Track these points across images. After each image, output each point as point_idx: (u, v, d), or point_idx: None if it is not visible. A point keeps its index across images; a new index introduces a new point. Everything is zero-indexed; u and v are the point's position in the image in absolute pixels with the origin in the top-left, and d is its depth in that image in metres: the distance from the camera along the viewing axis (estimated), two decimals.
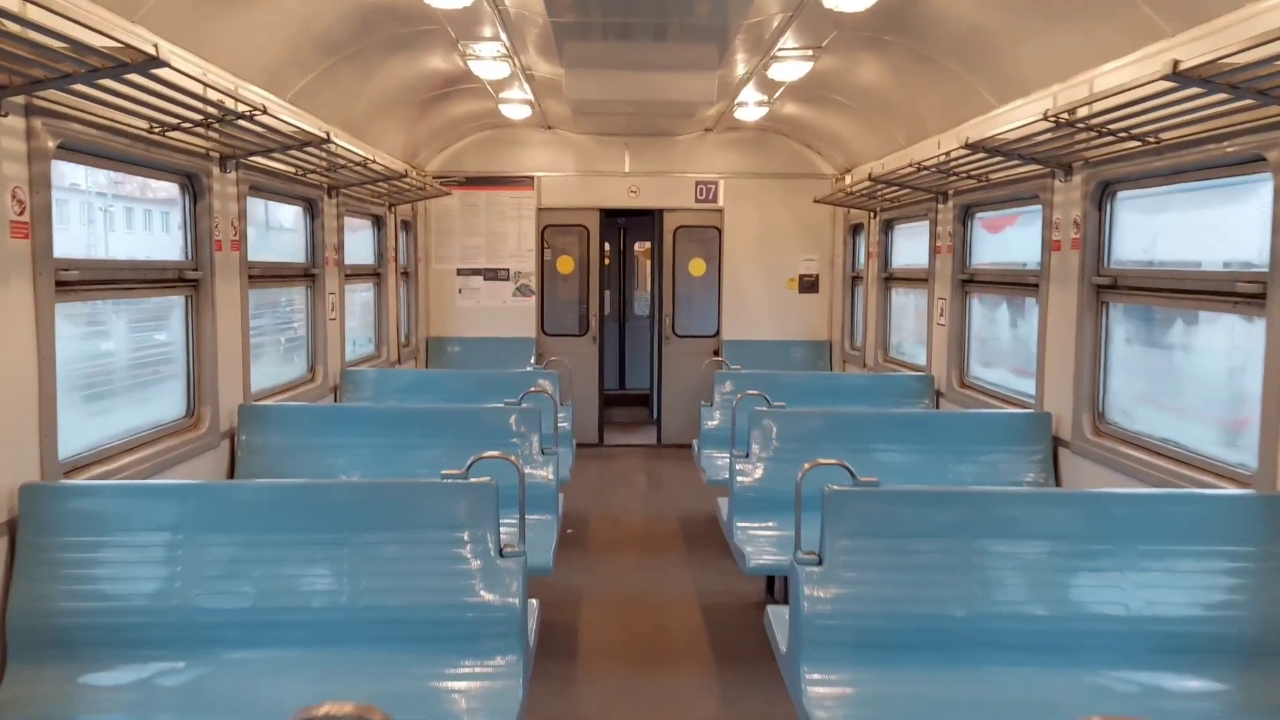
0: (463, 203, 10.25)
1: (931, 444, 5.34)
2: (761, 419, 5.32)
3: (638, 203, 10.33)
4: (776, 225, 10.32)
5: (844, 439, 5.32)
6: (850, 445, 5.24)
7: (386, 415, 5.46)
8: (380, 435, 5.30)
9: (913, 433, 5.40)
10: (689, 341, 10.56)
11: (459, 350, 10.30)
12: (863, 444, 5.33)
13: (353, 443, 5.29)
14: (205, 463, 4.95)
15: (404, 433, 5.30)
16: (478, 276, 10.31)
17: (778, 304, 10.37)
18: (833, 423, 5.39)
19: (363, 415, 5.47)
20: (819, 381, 7.50)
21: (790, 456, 5.22)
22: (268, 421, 5.31)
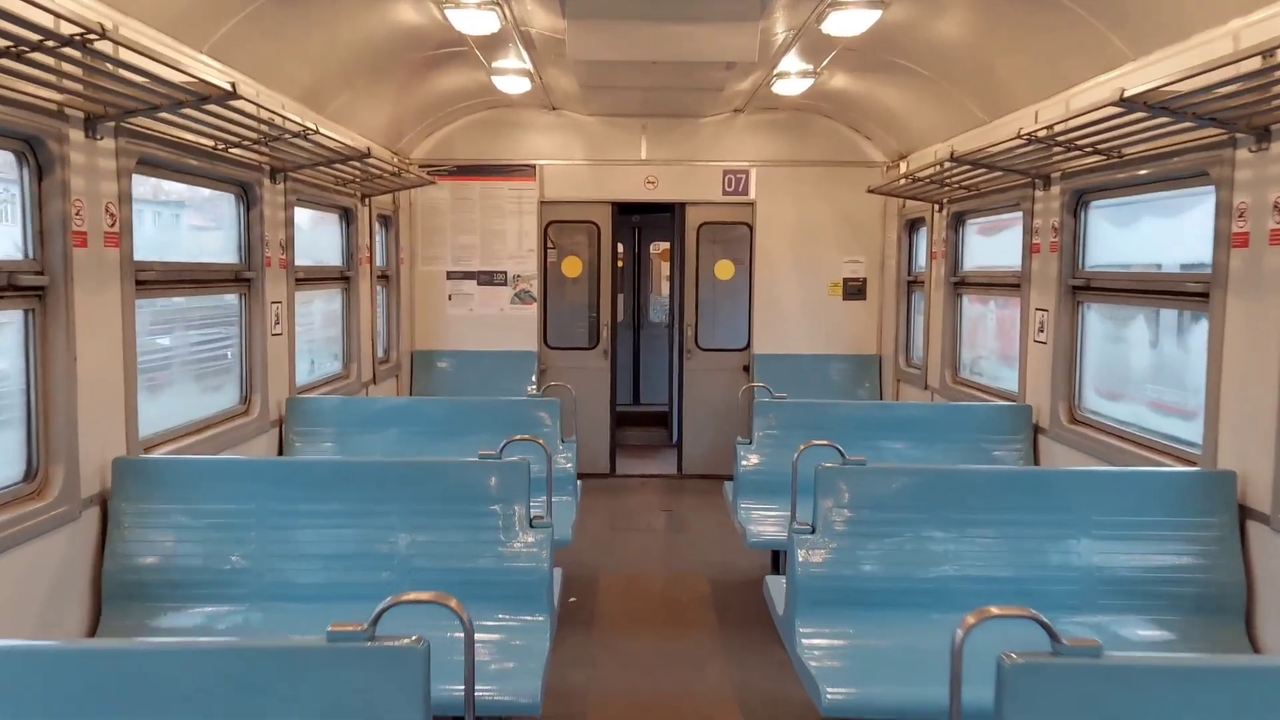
0: (453, 195, 8.85)
1: (1065, 511, 3.91)
2: (835, 480, 3.89)
3: (656, 195, 8.90)
4: (817, 221, 8.87)
5: (945, 506, 3.89)
6: (961, 514, 3.87)
7: (319, 472, 4.06)
8: (308, 500, 3.89)
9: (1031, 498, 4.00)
10: (715, 356, 9.11)
11: (448, 367, 8.90)
12: (970, 511, 3.90)
13: (271, 509, 3.88)
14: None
15: (341, 498, 3.89)
16: (471, 280, 8.91)
17: (818, 312, 8.92)
18: (932, 487, 3.95)
19: (288, 473, 4.06)
20: (882, 415, 6.04)
21: (875, 528, 3.83)
22: (149, 479, 3.91)
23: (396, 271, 8.36)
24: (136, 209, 4.10)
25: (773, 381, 8.58)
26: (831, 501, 3.87)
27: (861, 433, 5.68)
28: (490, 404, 6.02)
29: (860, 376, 8.88)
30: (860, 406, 6.78)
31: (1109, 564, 3.80)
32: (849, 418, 5.83)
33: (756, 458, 5.67)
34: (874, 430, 5.75)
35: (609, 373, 9.11)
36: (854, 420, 5.81)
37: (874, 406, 6.63)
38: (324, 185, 6.37)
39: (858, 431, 5.69)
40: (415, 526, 3.85)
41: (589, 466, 8.97)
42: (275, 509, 3.87)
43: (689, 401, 9.13)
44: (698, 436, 9.13)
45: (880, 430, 5.74)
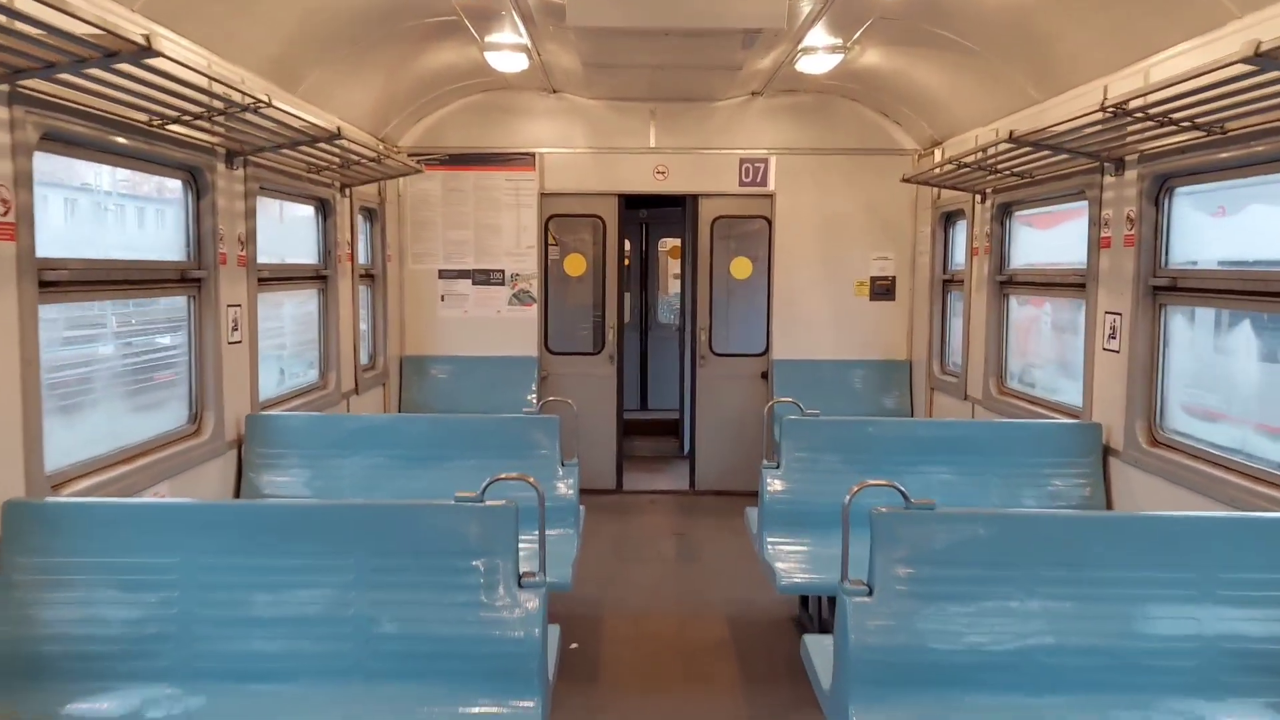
0: (445, 187, 8.12)
1: (1183, 568, 3.17)
2: (896, 529, 3.16)
3: (666, 187, 8.16)
4: (842, 215, 8.13)
5: (1034, 561, 3.15)
6: (1054, 570, 3.14)
7: (259, 518, 3.32)
8: (247, 552, 3.17)
9: None
10: (730, 362, 8.37)
11: (441, 374, 8.17)
12: (1066, 566, 3.16)
13: (201, 564, 3.16)
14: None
15: (289, 550, 3.17)
16: (464, 280, 8.18)
17: (843, 314, 8.18)
18: (1017, 536, 3.21)
19: (221, 518, 3.31)
20: (927, 435, 5.27)
21: (947, 588, 3.10)
22: (49, 527, 3.18)
23: (383, 270, 7.64)
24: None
25: (793, 390, 7.86)
26: (892, 555, 3.17)
27: (903, 455, 4.96)
28: (481, 423, 5.30)
29: (889, 384, 8.13)
30: (902, 425, 6.02)
31: (1233, 630, 3.11)
32: (888, 437, 5.09)
33: (784, 484, 4.93)
34: (917, 452, 5.02)
35: (615, 380, 8.38)
36: (894, 441, 5.07)
37: (918, 425, 5.85)
38: (294, 172, 5.65)
39: (899, 453, 4.97)
40: (378, 585, 3.16)
41: (593, 483, 8.25)
42: (206, 563, 3.19)
43: (702, 411, 8.39)
44: (712, 450, 8.39)
45: (925, 451, 5.01)
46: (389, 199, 7.75)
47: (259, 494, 4.90)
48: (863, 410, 8.03)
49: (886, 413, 8.06)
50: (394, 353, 7.97)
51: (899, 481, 4.87)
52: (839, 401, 8.04)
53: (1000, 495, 4.92)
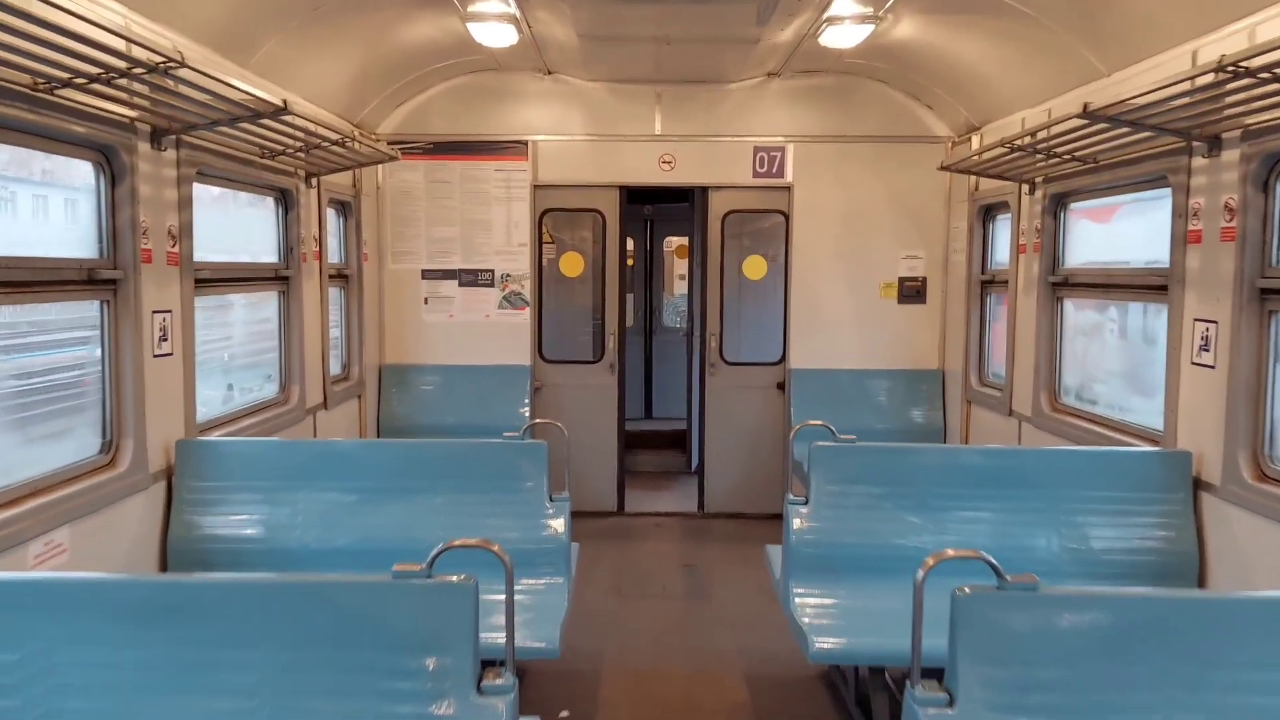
0: (429, 178, 7.36)
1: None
2: (988, 614, 2.37)
3: (672, 178, 7.39)
4: (867, 208, 7.35)
5: (1158, 653, 2.38)
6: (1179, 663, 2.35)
7: (131, 595, 2.52)
8: (138, 645, 2.40)
9: None
10: (742, 372, 7.60)
11: (424, 385, 7.41)
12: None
13: (90, 659, 2.39)
14: None
15: (171, 639, 2.39)
16: (450, 281, 7.42)
17: (868, 319, 7.40)
18: (1139, 621, 2.43)
19: (86, 595, 2.52)
20: (983, 464, 4.40)
21: (1064, 697, 2.32)
22: None
23: (358, 270, 6.87)
24: None
25: (813, 402, 7.11)
26: (983, 651, 2.40)
27: (951, 489, 4.20)
28: (457, 450, 4.52)
29: (918, 397, 7.35)
30: (952, 453, 5.16)
31: None
32: (936, 467, 4.30)
33: (813, 524, 4.15)
34: (968, 484, 4.23)
35: (616, 391, 7.60)
36: (943, 471, 4.29)
37: (971, 453, 4.94)
38: (243, 156, 4.89)
39: (947, 486, 4.20)
40: (289, 690, 2.39)
41: (592, 504, 7.50)
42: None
43: (712, 425, 7.62)
44: (723, 468, 7.62)
45: (976, 484, 4.23)
46: (365, 191, 6.99)
47: (190, 536, 4.13)
48: (890, 426, 7.26)
49: (916, 428, 7.28)
50: (372, 361, 7.21)
51: (945, 521, 4.15)
52: (863, 416, 7.27)
53: (1066, 537, 4.14)
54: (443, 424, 7.31)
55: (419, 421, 7.32)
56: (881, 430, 7.25)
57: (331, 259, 6.54)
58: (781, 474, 7.53)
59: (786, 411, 7.42)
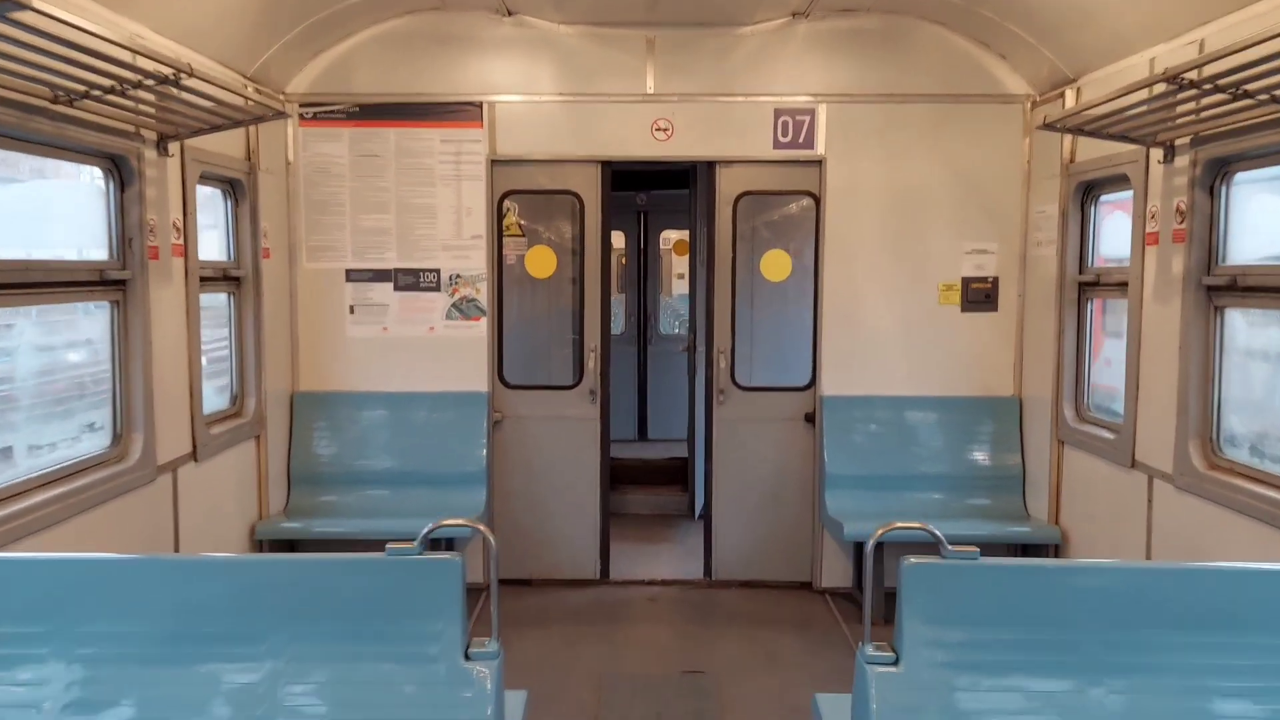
0: (355, 151, 5.69)
1: None
2: None
3: (670, 150, 5.72)
4: (921, 189, 5.69)
5: None
6: None
7: None
8: None
9: None
10: (761, 400, 5.91)
11: (351, 419, 5.74)
12: None
13: None
14: None
15: None
16: (383, 284, 5.76)
17: (922, 332, 5.73)
18: None
19: None
20: (1194, 592, 2.71)
21: None
22: None
23: (254, 269, 5.20)
24: None
25: (850, 439, 5.50)
26: None
27: (1153, 630, 2.52)
28: (312, 570, 2.75)
29: (988, 433, 5.68)
30: (1128, 573, 3.09)
31: None
32: (1102, 591, 2.62)
33: (909, 698, 2.47)
34: (1153, 622, 2.56)
35: (598, 424, 5.92)
36: (1108, 597, 2.61)
37: (1152, 573, 2.94)
38: (26, 101, 3.23)
39: (1146, 628, 2.52)
40: None
41: (569, 569, 5.91)
42: None
43: (722, 467, 5.94)
44: (735, 521, 5.95)
45: (1203, 626, 2.56)
46: (267, 167, 5.32)
47: None
48: (949, 470, 5.62)
49: (985, 477, 5.62)
50: (279, 389, 5.54)
51: (1143, 691, 2.49)
52: (915, 458, 5.64)
53: None
54: (374, 469, 5.68)
55: (345, 467, 5.67)
56: (937, 477, 5.61)
57: (212, 255, 4.88)
58: (810, 531, 5.87)
59: (817, 451, 5.76)
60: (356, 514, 5.49)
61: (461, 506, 5.54)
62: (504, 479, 5.86)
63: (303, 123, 5.65)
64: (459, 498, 5.60)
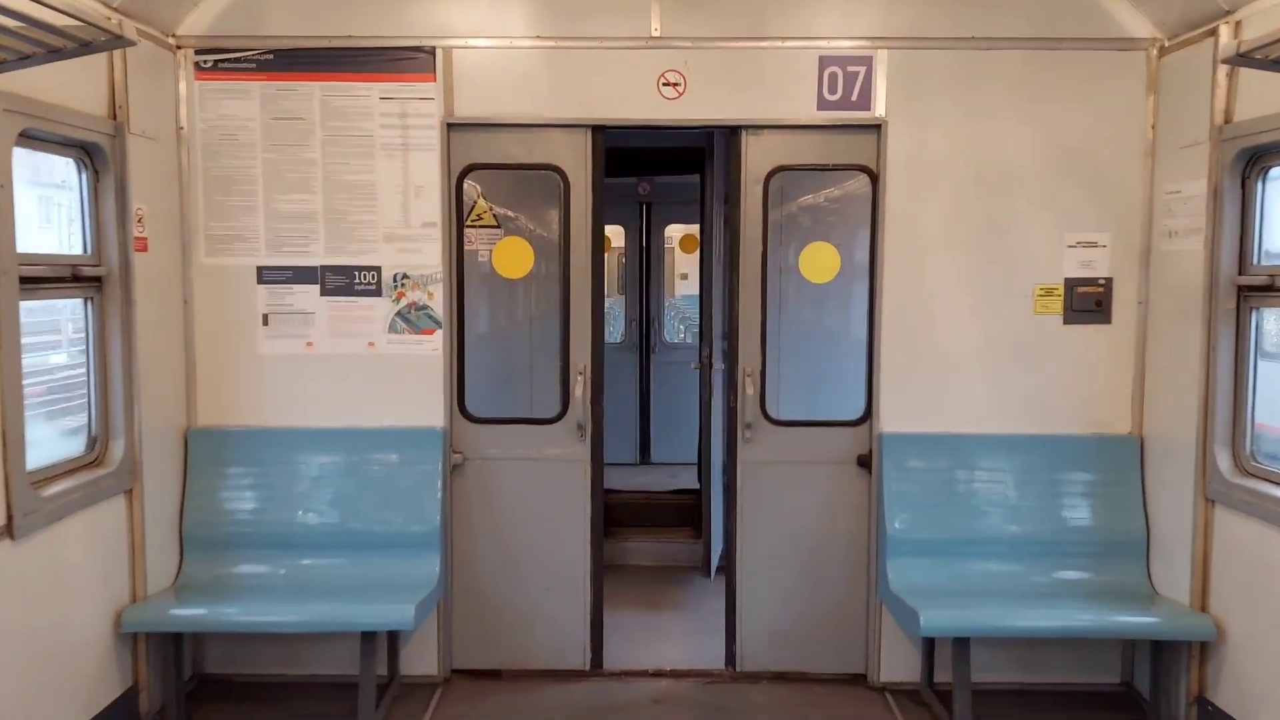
0: (269, 112, 4.35)
1: None
2: None
3: (681, 113, 4.37)
4: (1011, 162, 4.34)
5: None
6: None
7: None
8: None
9: None
10: (799, 437, 4.53)
11: (265, 464, 4.40)
12: None
13: None
14: None
15: None
16: (307, 286, 4.41)
17: (1012, 349, 4.38)
18: None
19: None
20: None
21: None
22: None
23: (122, 266, 3.85)
24: None
25: (917, 489, 4.16)
26: None
27: None
28: None
29: (1099, 486, 4.33)
30: None
31: None
32: None
33: None
34: None
35: (588, 468, 4.55)
36: None
37: None
38: None
39: None
40: None
41: (550, 657, 4.57)
42: None
43: (749, 521, 4.57)
44: (767, 592, 4.58)
45: None
46: (142, 130, 3.97)
47: None
48: (1049, 536, 4.29)
49: (1095, 542, 4.29)
50: (163, 425, 4.19)
51: None
52: (1001, 516, 4.31)
53: None
54: (295, 531, 4.35)
55: (257, 527, 4.34)
56: (1031, 540, 4.29)
57: (51, 248, 3.55)
58: (864, 607, 4.52)
59: (873, 505, 4.41)
60: (270, 591, 4.15)
61: (409, 578, 4.21)
62: (466, 540, 4.52)
63: (199, 75, 4.31)
64: (406, 566, 4.27)
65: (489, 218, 4.63)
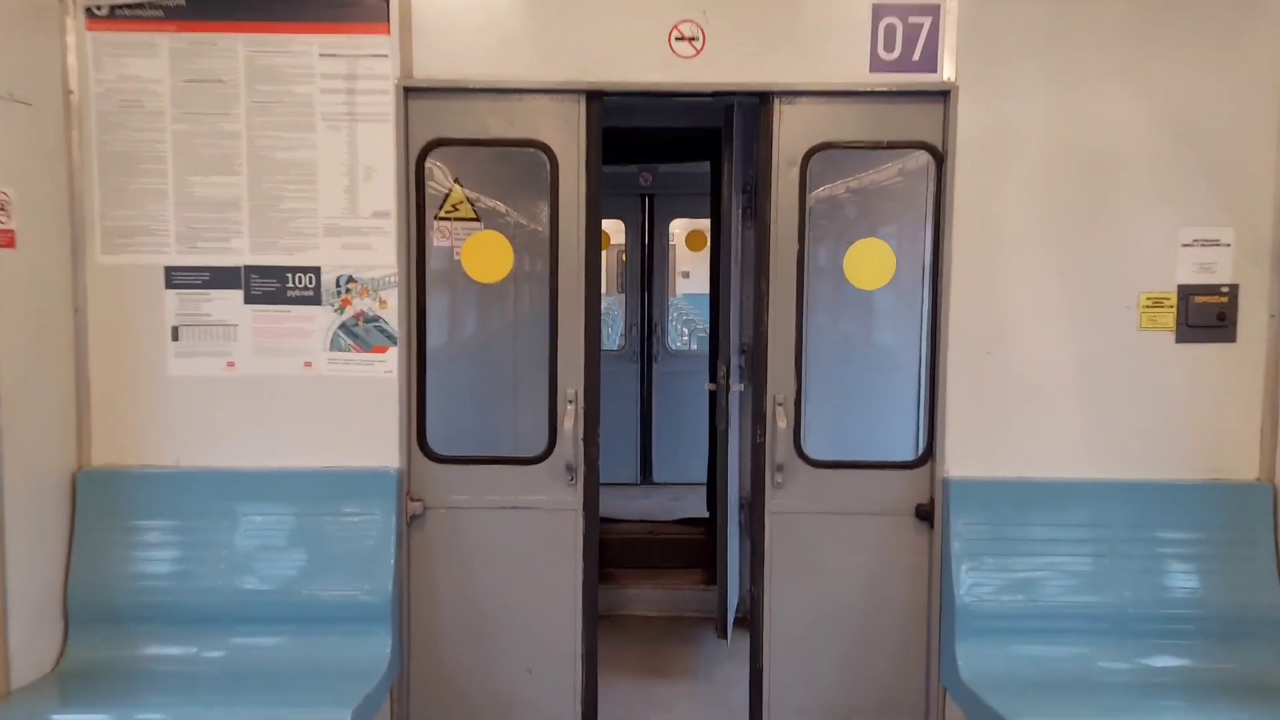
0: (180, 72, 3.46)
1: None
2: None
3: (699, 75, 3.48)
4: (1113, 142, 3.45)
5: None
6: None
7: None
8: None
9: None
10: (843, 481, 3.64)
11: (177, 517, 3.50)
12: None
13: None
14: None
15: None
16: (228, 290, 3.52)
17: (1112, 373, 3.50)
18: None
19: None
20: None
21: None
22: None
23: None
24: None
25: (1000, 551, 3.25)
26: None
27: None
28: None
29: (1222, 546, 3.45)
30: None
31: None
32: None
33: None
34: None
35: (580, 518, 3.66)
36: None
37: None
38: None
39: None
40: None
41: None
42: None
43: (781, 582, 3.67)
44: (802, 672, 3.68)
45: None
46: (8, 91, 3.08)
47: None
48: (1161, 610, 3.41)
49: (1219, 618, 3.40)
50: (44, 466, 3.31)
51: None
52: (1100, 583, 3.41)
53: None
54: (213, 600, 3.46)
55: (163, 601, 3.45)
56: (1139, 615, 3.40)
57: None
58: (923, 694, 3.64)
59: (937, 567, 3.54)
60: (180, 683, 3.27)
61: (354, 661, 3.34)
62: (428, 609, 3.63)
63: (92, 24, 3.42)
64: (351, 646, 3.39)
65: (467, 209, 3.74)
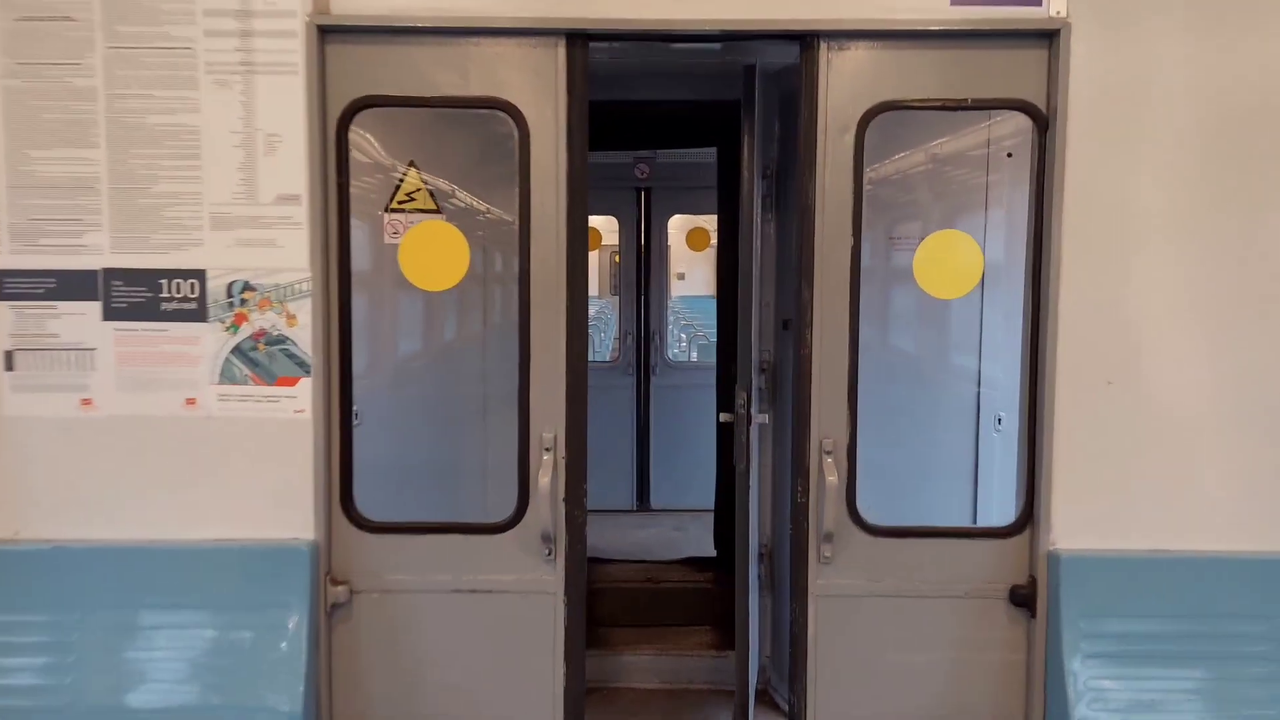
0: (11, 7, 2.53)
1: None
2: None
3: (716, 12, 2.57)
4: (1271, 100, 2.54)
5: None
6: None
7: None
8: None
9: None
10: (912, 554, 2.73)
11: (7, 612, 2.58)
12: None
13: None
14: None
15: None
16: (81, 302, 2.59)
17: (1274, 407, 2.59)
18: None
19: None
20: None
21: None
22: None
23: None
24: None
25: (1126, 648, 2.26)
26: None
27: None
28: None
29: None
30: None
31: None
32: None
33: None
34: None
35: (561, 605, 2.74)
36: None
37: None
38: None
39: None
40: None
41: None
42: None
43: (830, 682, 2.74)
44: None
45: None
46: None
47: None
48: None
49: None
50: None
51: None
52: (1268, 693, 2.50)
53: None
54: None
55: None
56: None
57: None
58: None
59: (1037, 669, 2.62)
60: None
61: None
62: None
63: None
64: None
65: (425, 198, 2.83)
